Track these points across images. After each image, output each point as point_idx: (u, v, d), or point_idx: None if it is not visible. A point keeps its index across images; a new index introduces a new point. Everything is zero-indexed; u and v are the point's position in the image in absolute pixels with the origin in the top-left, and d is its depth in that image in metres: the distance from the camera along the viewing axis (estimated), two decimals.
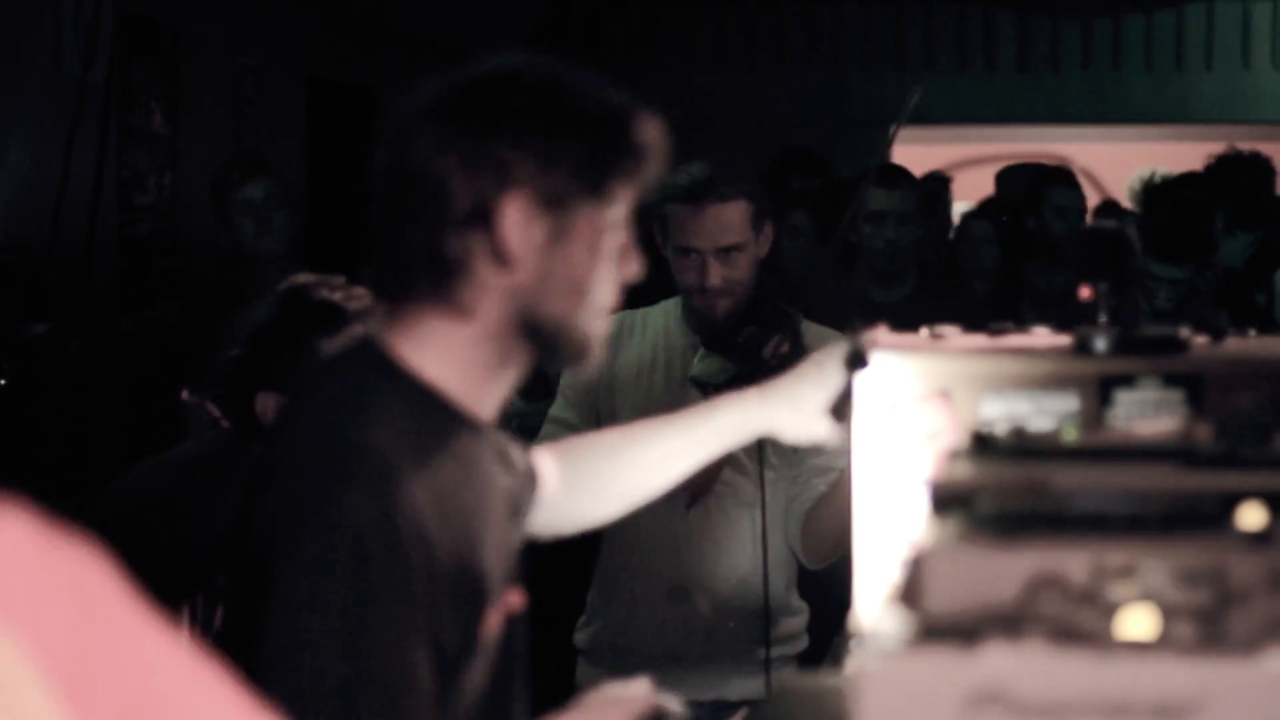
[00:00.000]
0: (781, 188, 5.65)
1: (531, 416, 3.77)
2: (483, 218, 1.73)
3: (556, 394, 3.58)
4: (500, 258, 1.73)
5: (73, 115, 4.66)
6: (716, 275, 3.35)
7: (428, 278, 1.76)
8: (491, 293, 1.75)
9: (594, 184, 1.76)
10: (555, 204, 1.74)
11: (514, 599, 1.87)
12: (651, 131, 1.81)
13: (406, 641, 1.66)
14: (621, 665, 3.48)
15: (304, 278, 2.81)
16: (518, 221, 1.73)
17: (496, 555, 1.81)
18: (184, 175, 5.57)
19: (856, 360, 1.92)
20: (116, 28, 5.05)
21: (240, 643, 1.70)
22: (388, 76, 7.08)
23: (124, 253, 5.31)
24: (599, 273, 1.78)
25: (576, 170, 1.74)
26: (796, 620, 3.51)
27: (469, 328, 1.77)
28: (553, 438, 3.53)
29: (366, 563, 1.64)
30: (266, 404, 2.78)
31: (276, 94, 6.26)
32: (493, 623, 1.78)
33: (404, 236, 1.76)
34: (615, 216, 1.79)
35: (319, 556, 1.64)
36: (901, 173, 5.02)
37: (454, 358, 1.77)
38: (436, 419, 1.76)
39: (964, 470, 1.39)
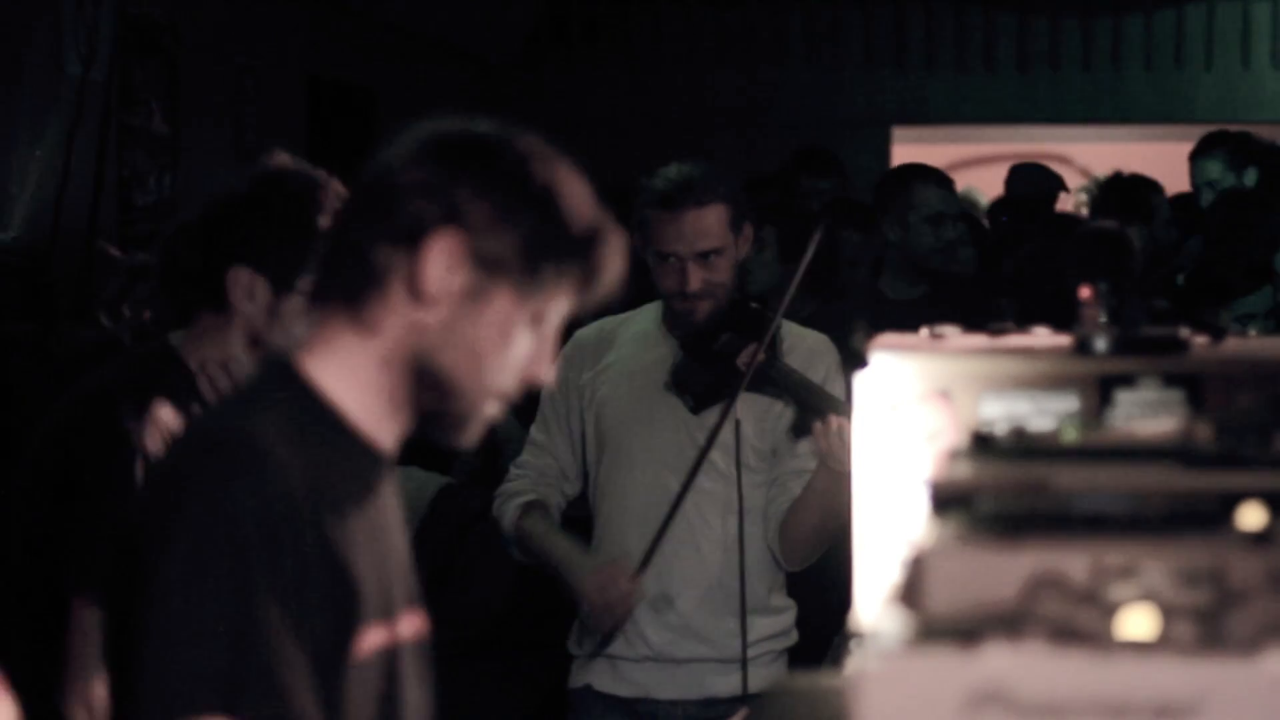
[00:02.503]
0: (794, 188, 5.65)
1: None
2: (414, 240, 1.75)
3: (537, 410, 3.60)
4: (414, 288, 1.75)
5: (73, 115, 4.65)
6: (696, 279, 3.35)
7: (347, 282, 1.78)
8: (398, 318, 1.77)
9: (529, 267, 1.76)
10: (485, 265, 1.75)
11: (407, 625, 1.86)
12: (614, 258, 1.82)
13: (283, 627, 1.66)
14: (610, 669, 3.50)
15: (279, 158, 2.67)
16: (442, 260, 1.74)
17: (378, 575, 1.80)
18: (184, 175, 5.57)
19: (856, 360, 1.92)
20: (116, 28, 5.05)
21: (118, 636, 1.71)
22: (388, 76, 7.08)
23: (124, 253, 5.31)
24: (502, 356, 1.78)
25: (519, 246, 1.76)
26: (780, 619, 3.52)
27: (370, 347, 1.78)
28: (529, 459, 3.57)
29: (243, 548, 1.66)
30: (239, 279, 2.61)
31: (276, 94, 6.25)
32: (371, 642, 1.77)
33: (345, 235, 1.81)
34: (539, 311, 1.79)
35: (196, 543, 1.66)
36: (946, 174, 5.04)
37: (353, 375, 1.79)
38: (326, 429, 1.78)
39: (964, 470, 1.39)
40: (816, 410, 3.27)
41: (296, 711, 1.66)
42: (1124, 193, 5.82)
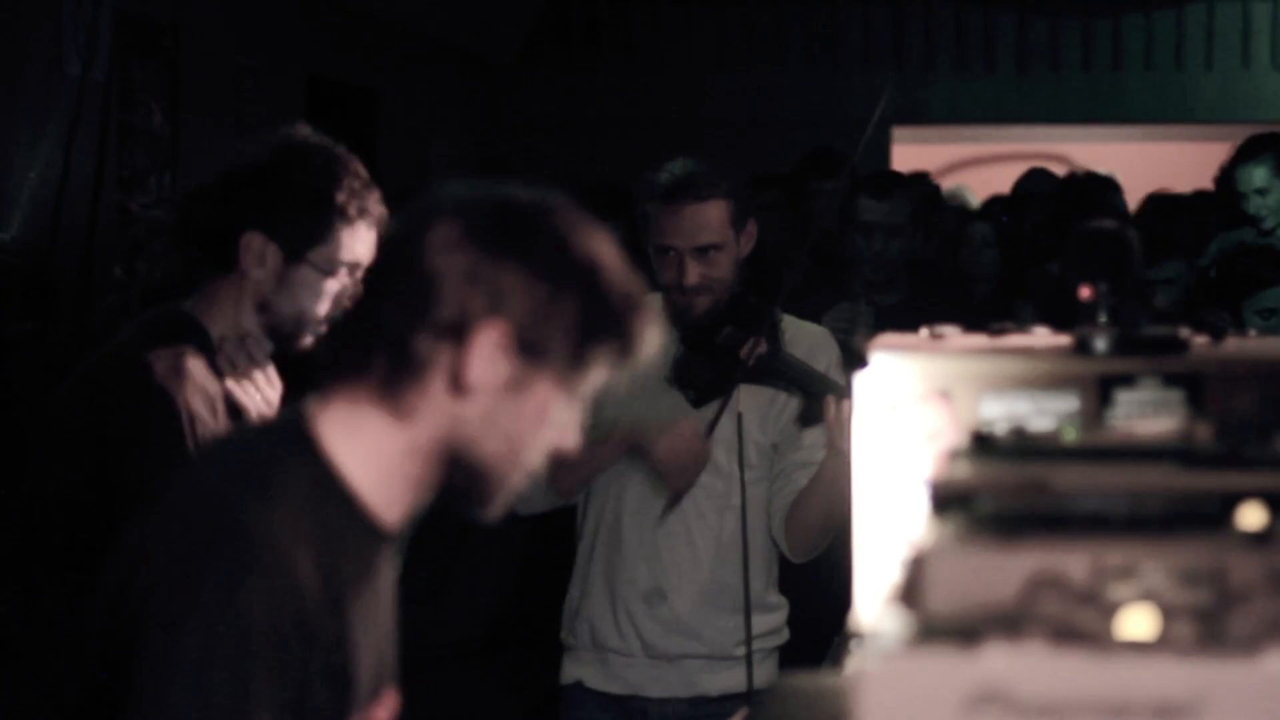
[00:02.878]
0: (802, 189, 5.64)
1: None
2: (458, 332, 1.69)
3: None
4: (457, 380, 1.69)
5: (73, 115, 4.65)
6: (694, 274, 3.36)
7: (384, 366, 1.71)
8: (435, 409, 1.71)
9: (576, 352, 1.71)
10: (530, 353, 1.70)
11: (383, 711, 1.83)
12: (648, 326, 1.76)
13: None
14: (603, 663, 3.50)
15: (302, 130, 2.71)
16: (488, 352, 1.69)
17: (372, 663, 1.77)
18: (184, 175, 5.57)
19: (855, 360, 1.92)
20: (116, 28, 5.05)
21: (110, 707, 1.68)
22: (388, 76, 7.08)
23: (140, 209, 5.31)
24: (539, 438, 1.74)
25: (565, 332, 1.70)
26: (774, 616, 3.53)
27: (401, 433, 1.72)
28: None
29: (248, 656, 1.62)
30: (251, 244, 2.63)
31: (276, 94, 6.26)
32: None
33: (379, 314, 1.72)
34: (576, 389, 1.74)
35: (203, 644, 1.62)
36: (893, 182, 4.98)
37: (377, 457, 1.73)
38: (340, 513, 1.72)
39: (964, 470, 1.39)
40: (820, 398, 3.27)
41: None
42: (1082, 193, 5.80)
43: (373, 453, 1.73)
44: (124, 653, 1.67)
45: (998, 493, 1.32)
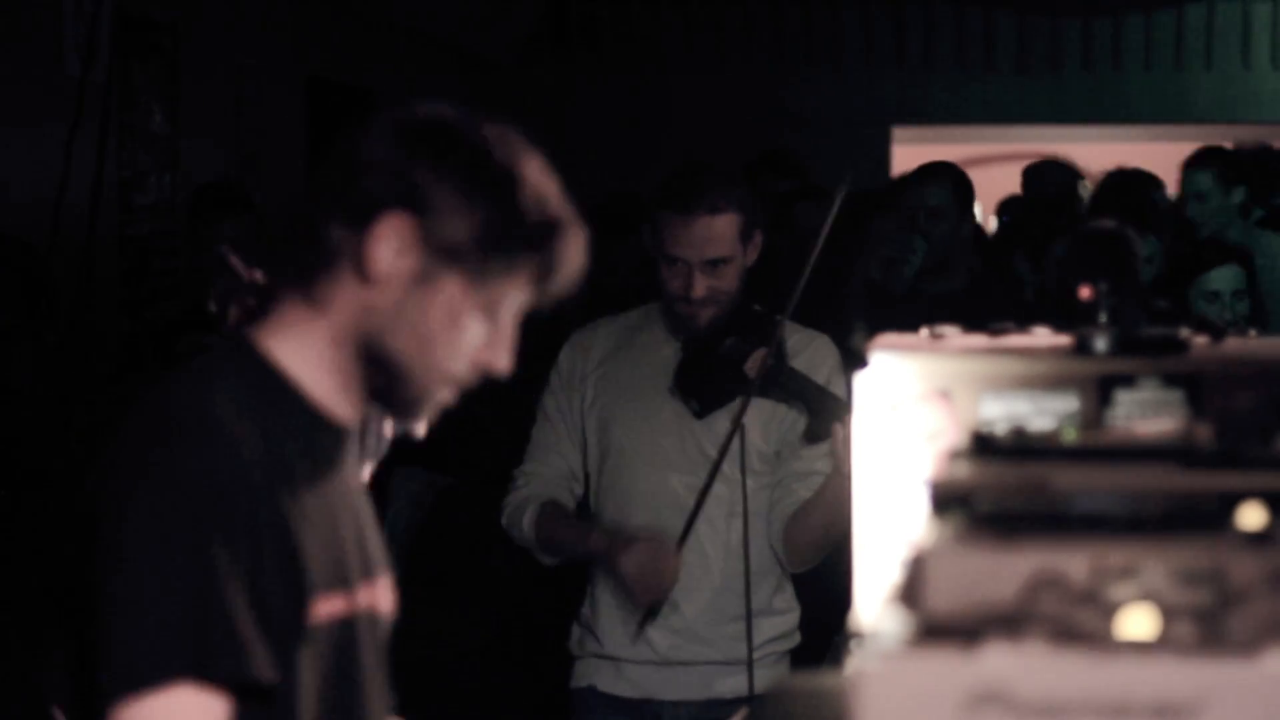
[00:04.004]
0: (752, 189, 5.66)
1: None
2: (365, 220, 1.74)
3: (538, 412, 3.57)
4: (361, 268, 1.75)
5: (73, 115, 4.65)
6: (702, 286, 3.32)
7: (300, 259, 1.79)
8: (347, 298, 1.77)
9: (480, 258, 1.75)
10: (436, 250, 1.75)
11: (365, 596, 1.86)
12: (572, 253, 1.80)
13: (241, 587, 1.67)
14: (614, 670, 3.50)
15: None
16: (391, 242, 1.74)
17: (331, 547, 1.80)
18: (184, 175, 5.57)
19: (855, 360, 1.92)
20: (116, 28, 5.05)
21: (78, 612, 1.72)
22: (388, 76, 7.08)
23: (124, 253, 5.31)
24: (452, 342, 1.78)
25: (472, 235, 1.75)
26: (783, 620, 3.52)
27: (320, 322, 1.78)
28: (534, 465, 3.52)
29: (198, 513, 1.66)
30: None
31: (276, 94, 6.26)
32: (322, 612, 1.78)
33: (302, 211, 1.81)
34: (493, 300, 1.77)
35: (152, 509, 1.66)
36: (934, 169, 5.04)
37: (309, 353, 1.80)
38: (284, 405, 1.78)
39: (964, 470, 1.39)
40: (825, 415, 3.25)
41: (258, 668, 1.68)
42: (1120, 191, 5.81)
43: (302, 346, 1.80)
44: (83, 568, 1.70)
45: (998, 493, 1.32)
